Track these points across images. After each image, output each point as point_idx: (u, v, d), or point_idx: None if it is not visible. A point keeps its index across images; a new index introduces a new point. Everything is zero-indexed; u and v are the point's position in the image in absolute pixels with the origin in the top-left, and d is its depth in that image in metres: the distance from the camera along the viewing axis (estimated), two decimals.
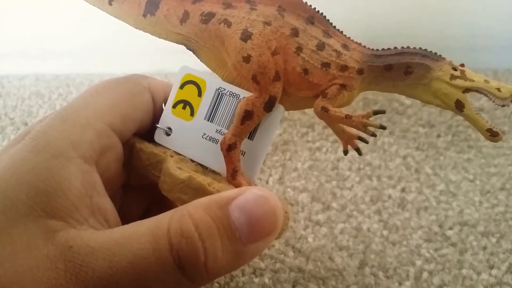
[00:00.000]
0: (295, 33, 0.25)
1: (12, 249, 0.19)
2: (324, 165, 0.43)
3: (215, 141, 0.26)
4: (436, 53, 0.25)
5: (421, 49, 0.25)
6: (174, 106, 0.27)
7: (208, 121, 0.26)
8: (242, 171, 0.25)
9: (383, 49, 0.26)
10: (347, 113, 0.25)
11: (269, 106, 0.25)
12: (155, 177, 0.26)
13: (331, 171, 0.42)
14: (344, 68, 0.25)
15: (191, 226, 0.20)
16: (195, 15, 0.26)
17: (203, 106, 0.26)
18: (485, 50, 0.55)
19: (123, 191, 0.28)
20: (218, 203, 0.21)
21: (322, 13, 0.25)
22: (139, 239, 0.20)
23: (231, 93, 0.26)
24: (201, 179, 0.24)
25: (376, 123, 0.25)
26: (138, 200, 0.30)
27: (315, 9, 0.25)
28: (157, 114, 0.27)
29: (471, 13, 0.55)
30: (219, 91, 0.26)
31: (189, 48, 0.26)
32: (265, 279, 0.32)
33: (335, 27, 0.26)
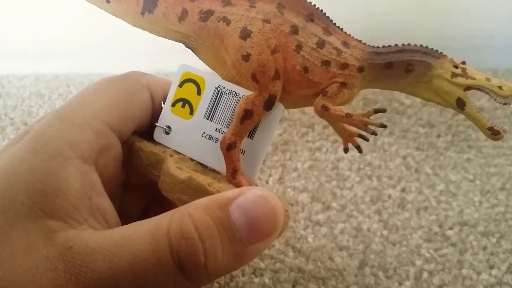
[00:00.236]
0: (294, 30, 0.25)
1: (11, 250, 0.19)
2: (324, 165, 0.43)
3: (215, 139, 0.26)
4: (437, 51, 0.25)
5: (422, 46, 0.25)
6: (173, 104, 0.26)
7: (207, 119, 0.26)
8: (242, 170, 0.25)
9: (384, 47, 0.25)
10: (347, 111, 0.25)
11: (269, 105, 0.24)
12: (155, 176, 0.26)
13: (331, 171, 0.42)
14: (344, 66, 0.25)
15: (191, 226, 0.20)
16: (194, 13, 0.25)
17: (203, 104, 0.26)
18: (485, 50, 0.55)
19: (123, 190, 0.28)
20: (218, 203, 0.21)
21: (322, 10, 0.25)
22: (139, 239, 0.20)
23: (230, 91, 0.26)
24: (201, 179, 0.24)
25: (376, 122, 0.25)
26: (137, 199, 0.29)
27: (315, 6, 0.25)
28: (156, 112, 0.27)
29: (471, 13, 0.55)
30: (219, 89, 0.26)
31: (188, 46, 0.26)
32: (265, 279, 0.32)
33: (335, 24, 0.26)
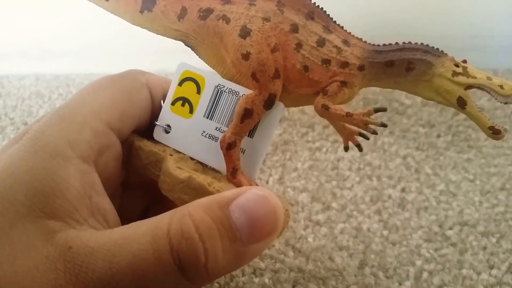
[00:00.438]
0: (294, 29, 0.25)
1: (11, 250, 0.19)
2: (324, 165, 0.43)
3: (215, 138, 0.26)
4: (438, 49, 0.25)
5: (422, 44, 0.25)
6: (173, 103, 0.26)
7: (207, 118, 0.26)
8: (242, 170, 0.25)
9: (384, 45, 0.25)
10: (347, 111, 0.25)
11: (269, 104, 0.24)
12: (155, 175, 0.26)
13: (331, 171, 0.42)
14: (344, 64, 0.25)
15: (192, 226, 0.20)
16: (193, 11, 0.25)
17: (202, 103, 0.26)
18: (485, 50, 0.55)
19: (123, 189, 0.28)
20: (218, 203, 0.21)
21: (322, 8, 0.25)
22: (139, 239, 0.20)
23: (230, 90, 0.25)
24: (201, 179, 0.24)
25: (377, 121, 0.25)
26: (138, 198, 0.29)
27: (315, 4, 0.25)
28: (156, 110, 0.27)
29: (471, 13, 0.55)
30: (218, 88, 0.26)
31: (187, 44, 0.26)
32: (265, 279, 0.32)
33: (335, 22, 0.25)
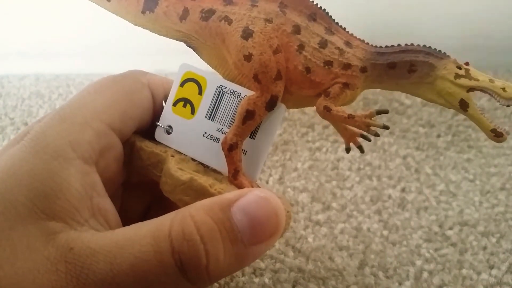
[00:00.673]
0: (297, 30, 0.25)
1: (12, 252, 0.19)
2: (324, 165, 0.43)
3: (216, 140, 0.26)
4: (440, 51, 0.25)
5: (425, 46, 0.25)
6: (174, 104, 0.26)
7: (209, 119, 0.26)
8: (243, 171, 0.25)
9: (387, 47, 0.25)
10: (349, 112, 0.24)
11: (270, 105, 0.24)
12: (156, 176, 0.26)
13: (331, 171, 0.42)
14: (347, 66, 0.25)
15: (193, 228, 0.20)
16: (195, 12, 0.25)
17: (204, 104, 0.26)
18: (485, 50, 0.55)
19: (124, 189, 0.28)
20: (220, 205, 0.21)
21: (324, 9, 0.25)
22: (141, 241, 0.20)
23: (232, 91, 0.25)
24: (203, 180, 0.24)
25: (379, 123, 0.25)
26: (139, 197, 0.29)
27: (317, 5, 0.25)
28: (157, 111, 0.27)
29: (471, 13, 0.55)
30: (220, 89, 0.26)
31: (189, 45, 0.26)
32: (265, 279, 0.32)
33: (337, 23, 0.25)
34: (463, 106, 0.24)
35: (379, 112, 0.25)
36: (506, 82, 0.24)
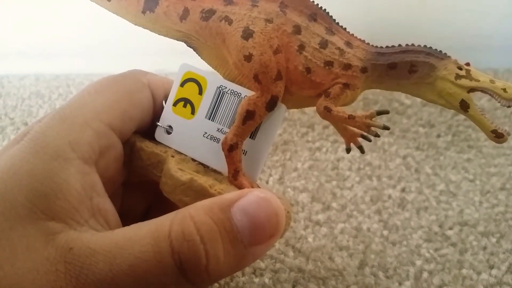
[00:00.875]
0: (297, 30, 0.25)
1: (11, 252, 0.19)
2: (324, 165, 0.43)
3: (217, 140, 0.26)
4: (441, 51, 0.25)
5: (425, 47, 0.25)
6: (174, 104, 0.26)
7: (209, 119, 0.26)
8: (243, 171, 0.25)
9: (387, 47, 0.25)
10: (350, 113, 0.24)
11: (271, 105, 0.24)
12: (156, 177, 0.26)
13: (331, 171, 0.42)
14: (347, 66, 0.25)
15: (193, 228, 0.20)
16: (195, 12, 0.25)
17: (204, 104, 0.26)
18: (485, 50, 0.55)
19: (124, 189, 0.28)
20: (220, 205, 0.21)
21: (325, 10, 0.25)
22: (140, 241, 0.20)
23: (232, 91, 0.25)
24: (203, 181, 0.24)
25: (379, 124, 0.25)
26: (139, 198, 0.29)
27: (318, 5, 0.25)
28: (158, 111, 0.27)
29: (471, 13, 0.55)
30: (220, 89, 0.26)
31: (189, 45, 0.26)
32: (265, 279, 0.32)
33: (338, 23, 0.25)
34: (464, 106, 0.24)
35: (380, 112, 0.25)
36: (506, 82, 0.24)
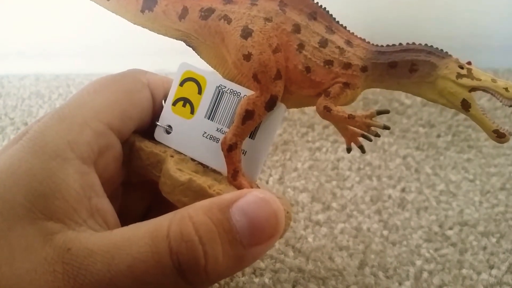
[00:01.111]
0: (297, 29, 0.24)
1: (9, 252, 0.19)
2: (324, 165, 0.43)
3: (216, 140, 0.25)
4: (442, 50, 0.24)
5: (426, 45, 0.24)
6: (174, 103, 0.26)
7: (208, 119, 0.26)
8: (243, 171, 0.25)
9: (388, 46, 0.25)
10: (350, 113, 0.24)
11: (270, 105, 0.24)
12: (156, 177, 0.26)
13: (331, 171, 0.42)
14: (347, 65, 0.24)
15: (191, 229, 0.20)
16: (194, 11, 0.25)
17: (204, 104, 0.26)
18: (485, 50, 0.55)
19: (124, 188, 0.28)
20: (218, 205, 0.21)
21: (325, 8, 0.25)
22: (139, 242, 0.20)
23: (231, 91, 0.25)
24: (202, 181, 0.24)
25: (379, 124, 0.25)
26: (139, 197, 0.29)
27: (317, 3, 0.25)
28: (157, 110, 0.27)
29: (471, 13, 0.55)
30: (220, 88, 0.25)
31: (188, 44, 0.26)
32: (265, 279, 0.32)
33: (338, 22, 0.25)
34: (465, 106, 0.24)
35: (380, 112, 0.25)
36: (508, 82, 0.24)
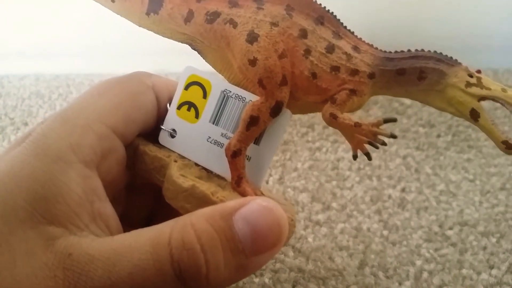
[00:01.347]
0: (303, 34, 0.24)
1: (10, 257, 0.19)
2: (324, 165, 0.43)
3: (220, 145, 0.25)
4: (451, 58, 0.24)
5: (435, 52, 0.24)
6: (178, 107, 0.26)
7: (213, 124, 0.25)
8: (247, 178, 0.25)
9: (396, 52, 0.25)
10: (356, 121, 0.24)
11: (275, 111, 0.24)
12: (159, 181, 0.25)
13: (331, 171, 0.42)
14: (354, 72, 0.24)
15: (193, 237, 0.20)
16: (200, 14, 0.25)
17: (208, 108, 0.25)
18: (485, 50, 0.55)
19: (127, 191, 0.27)
20: (221, 213, 0.21)
21: (332, 13, 0.24)
22: (140, 249, 0.20)
23: (236, 95, 0.25)
24: (205, 187, 0.24)
25: (386, 132, 0.24)
26: (143, 199, 0.29)
27: (325, 8, 0.24)
28: (162, 114, 0.26)
29: (471, 13, 0.55)
30: (225, 93, 0.25)
31: (194, 48, 0.26)
32: (265, 279, 0.32)
33: (345, 27, 0.25)
34: (474, 116, 0.23)
35: (387, 120, 0.24)
36: None
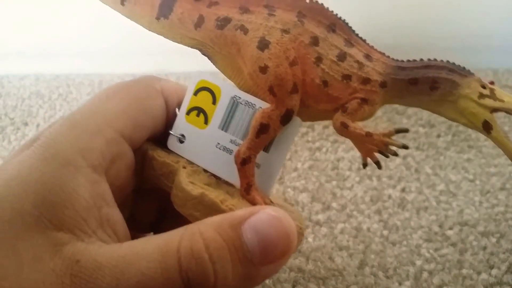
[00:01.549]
0: (315, 41, 0.24)
1: (17, 262, 0.19)
2: (324, 165, 0.43)
3: (229, 151, 0.25)
4: (464, 68, 0.24)
5: (448, 62, 0.24)
6: (188, 112, 0.26)
7: (222, 130, 0.25)
8: (256, 186, 0.24)
9: (409, 61, 0.24)
10: (367, 130, 0.24)
11: (286, 119, 0.24)
12: (168, 187, 0.25)
13: (331, 171, 0.42)
14: (366, 81, 0.24)
15: (202, 246, 0.20)
16: (211, 20, 0.24)
17: (218, 114, 0.25)
18: (485, 50, 0.55)
19: (135, 196, 0.27)
20: (230, 222, 0.20)
21: (344, 20, 0.24)
22: (148, 257, 0.19)
23: (246, 102, 0.25)
24: (214, 195, 0.23)
25: (398, 143, 0.24)
26: (151, 203, 0.29)
27: (337, 15, 0.24)
28: (171, 118, 0.26)
29: (471, 13, 0.55)
30: (235, 99, 0.25)
31: (204, 53, 0.25)
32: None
33: (357, 35, 0.24)
34: (486, 127, 0.23)
35: (399, 131, 0.24)
36: None
